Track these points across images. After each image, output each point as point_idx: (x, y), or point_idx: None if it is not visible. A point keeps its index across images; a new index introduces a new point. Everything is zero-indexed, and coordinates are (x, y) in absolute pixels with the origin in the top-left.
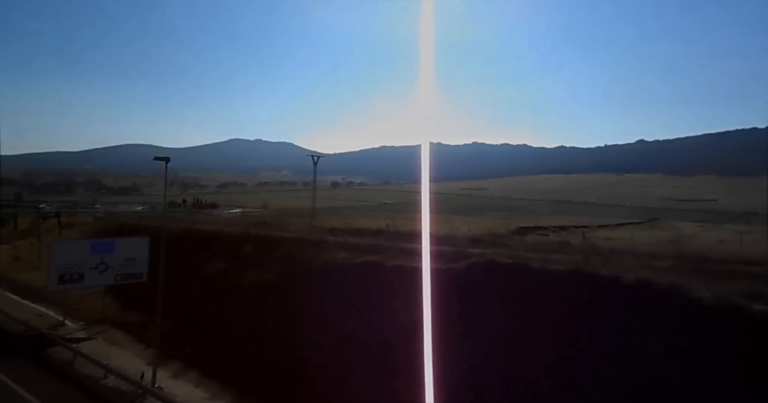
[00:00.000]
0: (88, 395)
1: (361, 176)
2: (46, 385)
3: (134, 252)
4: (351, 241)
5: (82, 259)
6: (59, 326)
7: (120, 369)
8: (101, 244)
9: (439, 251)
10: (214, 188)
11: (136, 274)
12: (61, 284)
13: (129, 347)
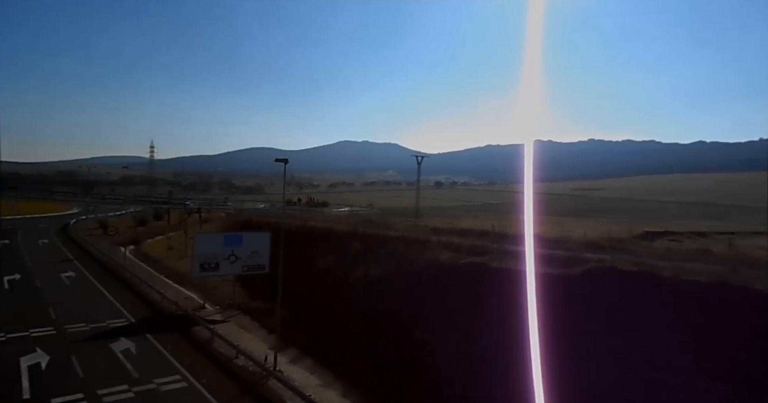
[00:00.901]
0: (224, 371)
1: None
2: (191, 358)
3: (258, 245)
4: (455, 241)
5: (217, 250)
6: (200, 308)
7: (248, 351)
8: (232, 237)
9: (550, 255)
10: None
11: (259, 265)
12: (202, 271)
13: (255, 331)
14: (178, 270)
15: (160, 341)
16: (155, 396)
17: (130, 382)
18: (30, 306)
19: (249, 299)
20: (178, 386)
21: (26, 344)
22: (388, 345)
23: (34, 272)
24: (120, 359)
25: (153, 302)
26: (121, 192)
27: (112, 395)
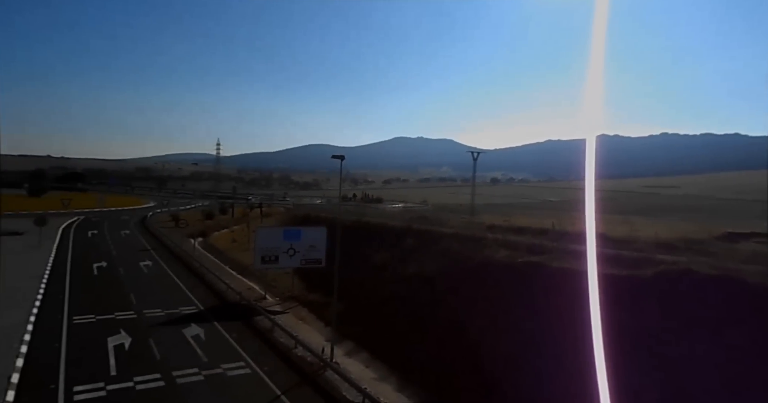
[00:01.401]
0: (283, 360)
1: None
2: (254, 346)
3: (315, 240)
4: (511, 239)
5: (277, 244)
6: (261, 299)
7: (306, 342)
8: (291, 232)
9: (617, 256)
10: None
11: (316, 260)
12: (263, 263)
13: (312, 323)
14: (242, 262)
15: (226, 329)
16: (223, 381)
17: (200, 365)
18: (114, 291)
19: (306, 292)
20: (242, 372)
21: (112, 325)
22: (443, 342)
23: (117, 261)
24: (191, 343)
25: (219, 292)
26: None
27: (184, 377)
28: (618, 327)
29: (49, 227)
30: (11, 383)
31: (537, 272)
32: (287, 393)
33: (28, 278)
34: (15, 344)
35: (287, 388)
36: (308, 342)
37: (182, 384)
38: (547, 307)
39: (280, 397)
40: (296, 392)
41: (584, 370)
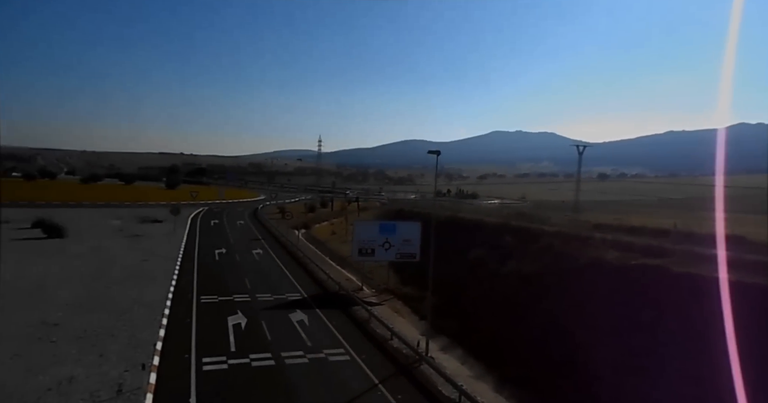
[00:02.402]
0: (380, 351)
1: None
2: (352, 335)
3: (410, 234)
4: (624, 240)
5: (373, 237)
6: (359, 290)
7: (401, 334)
8: (386, 225)
9: (756, 262)
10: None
11: (411, 254)
12: (360, 256)
13: (407, 316)
14: (340, 253)
15: (327, 316)
16: (325, 365)
17: (304, 349)
18: (232, 276)
19: (401, 285)
20: (342, 359)
21: (231, 306)
22: (542, 343)
23: (234, 248)
24: (296, 328)
25: (320, 280)
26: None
27: (291, 358)
28: (753, 340)
29: (181, 216)
30: (156, 349)
31: (655, 276)
32: (384, 383)
33: (166, 260)
34: (158, 317)
35: (384, 377)
36: (403, 335)
37: (290, 365)
38: (665, 315)
39: (378, 386)
40: (392, 382)
41: (708, 383)
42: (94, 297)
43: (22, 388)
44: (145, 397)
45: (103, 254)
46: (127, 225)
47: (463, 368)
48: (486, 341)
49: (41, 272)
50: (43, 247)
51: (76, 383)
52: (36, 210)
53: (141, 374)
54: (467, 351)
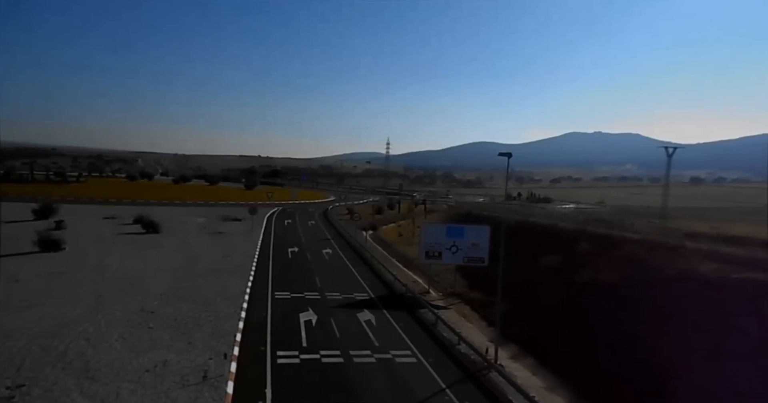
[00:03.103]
0: (447, 355)
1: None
2: (419, 337)
3: (478, 238)
4: (721, 250)
5: (441, 240)
6: (425, 293)
7: (469, 340)
8: (454, 229)
9: None
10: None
11: (479, 258)
12: (427, 258)
13: (475, 322)
14: (407, 255)
15: (393, 317)
16: (392, 366)
17: (372, 349)
18: (303, 273)
19: (469, 290)
20: (408, 361)
21: (303, 303)
22: (622, 358)
23: (306, 247)
24: (364, 327)
25: (387, 282)
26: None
27: (359, 357)
28: None
29: (258, 216)
30: (236, 340)
31: (762, 292)
32: (451, 387)
33: (245, 256)
34: (237, 310)
35: (451, 383)
36: (471, 340)
37: (358, 364)
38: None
39: (445, 390)
40: (460, 388)
41: None
42: (183, 288)
43: (126, 367)
44: (226, 384)
45: (191, 248)
46: (211, 223)
47: (534, 378)
48: (560, 352)
49: (140, 264)
50: (141, 241)
51: (169, 367)
52: (137, 207)
53: (223, 362)
54: (539, 361)
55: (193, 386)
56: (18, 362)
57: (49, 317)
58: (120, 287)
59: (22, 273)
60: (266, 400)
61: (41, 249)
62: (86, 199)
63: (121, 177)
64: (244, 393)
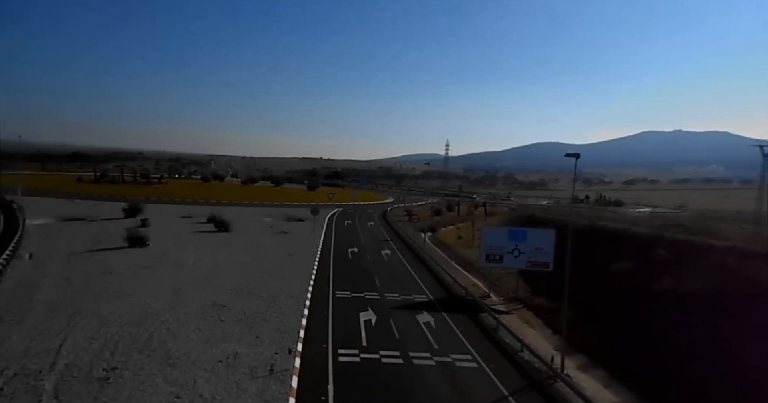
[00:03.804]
0: (509, 361)
1: None
2: (479, 342)
3: (542, 242)
4: None
5: (502, 243)
6: (485, 297)
7: (533, 347)
8: (516, 232)
9: None
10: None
11: (543, 262)
12: (487, 262)
13: (538, 329)
14: (466, 258)
15: (453, 321)
16: (452, 369)
17: (431, 351)
18: (363, 274)
19: (532, 295)
20: (469, 365)
21: (362, 303)
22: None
23: (365, 248)
24: (423, 329)
25: (446, 284)
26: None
27: (418, 358)
28: None
29: (319, 216)
30: (300, 336)
31: None
32: (515, 395)
33: (307, 255)
34: (300, 307)
35: (514, 390)
36: (535, 347)
37: (417, 365)
38: None
39: (508, 398)
40: (524, 396)
41: None
42: (251, 285)
43: (201, 357)
44: (291, 379)
45: (258, 247)
46: (276, 222)
47: (606, 391)
48: (635, 365)
49: (213, 261)
50: (213, 239)
51: (239, 359)
52: (210, 207)
53: (288, 357)
54: (612, 374)
55: (261, 378)
56: (112, 347)
57: (136, 307)
58: (195, 282)
59: (114, 266)
60: (328, 396)
61: (129, 245)
62: (167, 199)
63: (197, 179)
64: (307, 388)
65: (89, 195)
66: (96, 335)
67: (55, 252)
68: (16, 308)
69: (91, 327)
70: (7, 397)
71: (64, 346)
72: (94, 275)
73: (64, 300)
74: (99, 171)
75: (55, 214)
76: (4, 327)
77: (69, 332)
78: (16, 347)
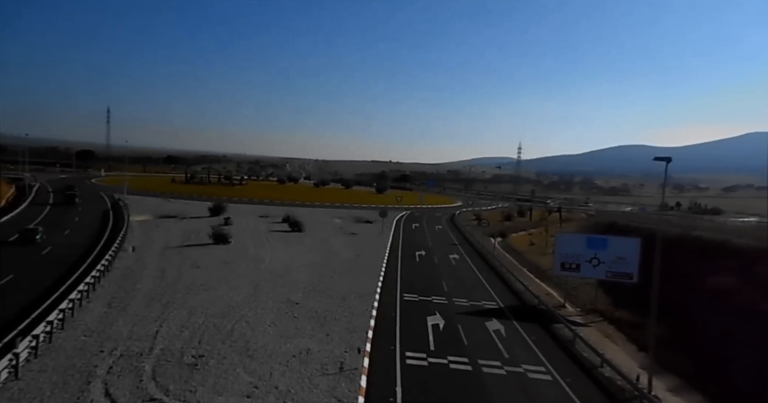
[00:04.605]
0: (588, 377)
1: None
2: (554, 354)
3: (625, 251)
4: None
5: (579, 251)
6: (560, 307)
7: (615, 363)
8: (595, 240)
9: None
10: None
11: (626, 274)
12: (562, 270)
13: (621, 344)
14: (539, 265)
15: (524, 330)
16: (524, 381)
17: (501, 360)
18: (430, 277)
19: (613, 307)
20: (543, 378)
21: (430, 306)
22: None
23: (432, 251)
24: (492, 337)
25: (516, 292)
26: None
27: (488, 367)
28: None
29: (387, 218)
30: (368, 337)
31: None
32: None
33: (375, 257)
34: (369, 307)
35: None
36: (617, 364)
37: (487, 374)
38: None
39: None
40: None
41: None
42: (322, 283)
43: (277, 351)
44: (360, 378)
45: (328, 247)
46: (346, 224)
47: None
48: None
49: (287, 259)
50: (288, 238)
51: (311, 355)
52: (285, 208)
53: (357, 356)
54: (708, 398)
55: (331, 375)
56: (199, 336)
57: (219, 300)
58: (271, 279)
59: (200, 261)
60: (396, 398)
61: (214, 241)
62: (246, 200)
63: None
64: (376, 388)
65: (180, 194)
66: (186, 324)
67: (152, 246)
68: (121, 295)
69: (181, 316)
70: (116, 374)
71: (159, 332)
72: (184, 268)
73: (160, 290)
74: (189, 173)
75: (153, 211)
76: (113, 312)
77: (164, 319)
78: (122, 330)
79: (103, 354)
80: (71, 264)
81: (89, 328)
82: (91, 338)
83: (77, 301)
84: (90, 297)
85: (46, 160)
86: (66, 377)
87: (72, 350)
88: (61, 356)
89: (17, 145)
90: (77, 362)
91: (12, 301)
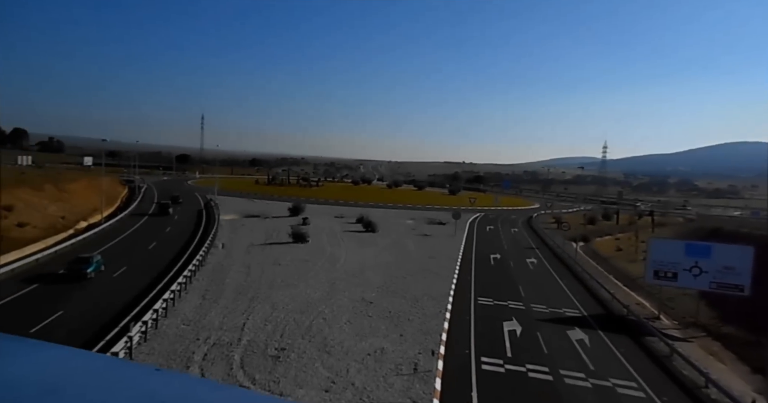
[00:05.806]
0: (689, 397)
1: None
2: (647, 369)
3: (733, 260)
4: None
5: (676, 259)
6: (654, 318)
7: (722, 385)
8: (696, 247)
9: None
10: None
11: (735, 285)
12: (656, 279)
13: (729, 363)
14: (628, 273)
15: (612, 341)
16: (612, 396)
17: (586, 372)
18: (506, 282)
19: (719, 322)
20: (635, 394)
21: (506, 312)
22: None
23: (508, 255)
24: (575, 346)
25: (601, 300)
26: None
27: (571, 378)
28: None
29: (460, 220)
30: (442, 339)
31: None
32: None
33: (448, 259)
34: (442, 310)
35: None
36: (726, 385)
37: (570, 385)
38: None
39: None
40: None
41: None
42: (395, 284)
43: (352, 348)
44: (434, 380)
45: (401, 248)
46: (418, 225)
47: None
48: None
49: (361, 259)
50: (362, 238)
51: (385, 354)
52: (359, 209)
53: (431, 358)
54: None
55: (406, 376)
56: (281, 330)
57: (299, 297)
58: (346, 278)
59: (281, 258)
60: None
61: (293, 240)
62: (322, 200)
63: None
64: (451, 393)
65: (263, 195)
66: (269, 318)
67: (239, 244)
68: (213, 288)
69: (265, 311)
70: (210, 361)
71: (246, 324)
72: (267, 265)
73: (246, 285)
74: (271, 175)
75: (239, 211)
76: (206, 304)
77: (250, 312)
78: (214, 321)
79: (198, 342)
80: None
81: (187, 317)
82: (188, 327)
83: (177, 292)
84: (187, 289)
85: (151, 163)
86: (169, 361)
87: (173, 337)
88: (165, 341)
89: (129, 151)
90: (178, 348)
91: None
